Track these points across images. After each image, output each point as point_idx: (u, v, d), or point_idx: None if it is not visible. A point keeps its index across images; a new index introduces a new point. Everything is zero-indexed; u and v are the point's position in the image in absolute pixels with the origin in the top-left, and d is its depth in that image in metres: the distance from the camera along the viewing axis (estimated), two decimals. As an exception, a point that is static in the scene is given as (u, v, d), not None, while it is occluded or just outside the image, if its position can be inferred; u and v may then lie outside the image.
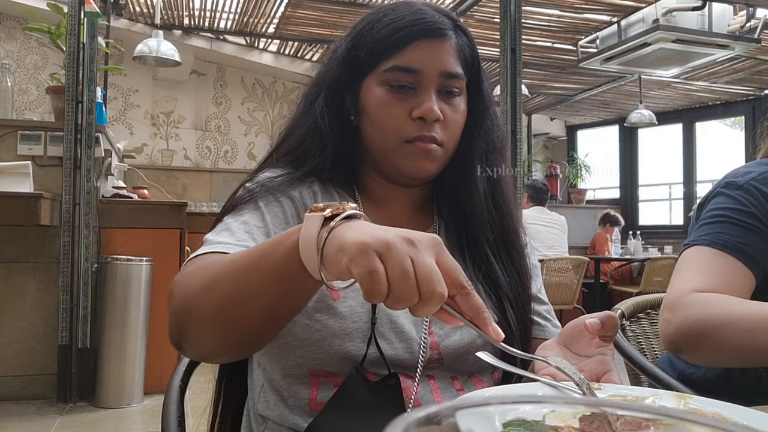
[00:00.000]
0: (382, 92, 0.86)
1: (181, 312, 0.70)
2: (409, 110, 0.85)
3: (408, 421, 0.23)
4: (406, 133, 0.85)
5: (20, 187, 3.16)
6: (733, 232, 1.01)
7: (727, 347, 0.91)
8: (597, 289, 6.18)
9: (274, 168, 0.91)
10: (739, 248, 1.00)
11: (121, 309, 3.23)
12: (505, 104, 3.55)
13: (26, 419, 3.01)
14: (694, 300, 0.96)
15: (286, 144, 0.93)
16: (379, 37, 0.86)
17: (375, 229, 0.56)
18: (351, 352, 0.78)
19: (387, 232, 0.55)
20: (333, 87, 0.91)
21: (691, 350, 0.96)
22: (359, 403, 0.76)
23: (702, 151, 7.65)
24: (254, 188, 0.85)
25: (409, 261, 0.53)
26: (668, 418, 0.25)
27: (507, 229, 0.93)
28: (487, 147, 0.92)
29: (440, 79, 0.86)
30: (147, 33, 5.03)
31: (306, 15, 5.35)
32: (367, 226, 0.57)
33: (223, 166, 6.59)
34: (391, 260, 0.53)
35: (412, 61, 0.84)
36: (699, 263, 1.02)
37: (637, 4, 4.88)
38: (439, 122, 0.85)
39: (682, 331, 0.95)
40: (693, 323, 0.94)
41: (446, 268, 0.55)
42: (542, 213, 5.18)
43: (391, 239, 0.54)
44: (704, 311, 0.94)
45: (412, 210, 0.95)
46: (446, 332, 0.84)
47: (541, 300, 0.95)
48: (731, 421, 0.54)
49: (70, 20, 3.36)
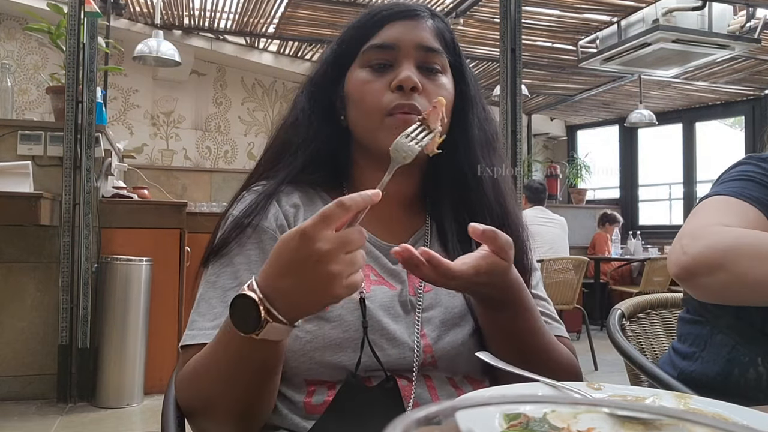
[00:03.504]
0: (363, 73, 0.87)
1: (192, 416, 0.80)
2: (389, 83, 0.85)
3: (408, 421, 0.23)
4: (386, 104, 0.84)
5: (20, 187, 3.16)
6: (757, 189, 0.99)
7: (746, 279, 0.87)
8: (597, 289, 6.18)
9: (255, 185, 0.90)
10: (761, 200, 0.97)
11: (121, 309, 3.23)
12: (505, 104, 3.55)
13: (26, 419, 3.01)
14: (720, 229, 0.92)
15: (272, 150, 0.93)
16: (357, 25, 0.89)
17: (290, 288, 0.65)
18: (343, 362, 0.78)
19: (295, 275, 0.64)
20: (316, 84, 0.92)
21: (706, 278, 0.90)
22: (358, 408, 0.75)
23: (702, 151, 7.66)
24: (229, 233, 0.84)
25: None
26: (668, 418, 0.25)
27: (507, 226, 0.89)
28: (481, 139, 0.91)
29: (418, 53, 0.86)
30: (147, 33, 5.03)
31: (306, 15, 5.35)
32: (287, 297, 0.65)
33: (223, 166, 6.59)
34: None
35: (387, 38, 0.86)
36: (720, 208, 0.98)
37: (637, 4, 4.88)
38: (418, 92, 0.84)
39: (704, 256, 0.90)
40: (717, 249, 0.89)
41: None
42: (542, 213, 5.18)
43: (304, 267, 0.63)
44: (731, 239, 0.89)
45: (403, 209, 0.93)
46: (438, 334, 0.83)
47: (539, 296, 0.92)
48: (731, 421, 0.54)
49: (70, 20, 3.36)
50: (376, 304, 0.82)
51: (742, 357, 1.03)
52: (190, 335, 0.80)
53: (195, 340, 0.79)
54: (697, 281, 0.92)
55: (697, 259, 0.91)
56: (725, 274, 0.88)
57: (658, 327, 1.32)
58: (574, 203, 7.79)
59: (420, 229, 0.93)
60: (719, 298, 0.98)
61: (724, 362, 1.05)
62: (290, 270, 0.63)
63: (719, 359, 1.05)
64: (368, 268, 0.86)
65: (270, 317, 0.64)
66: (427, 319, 0.84)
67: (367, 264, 0.86)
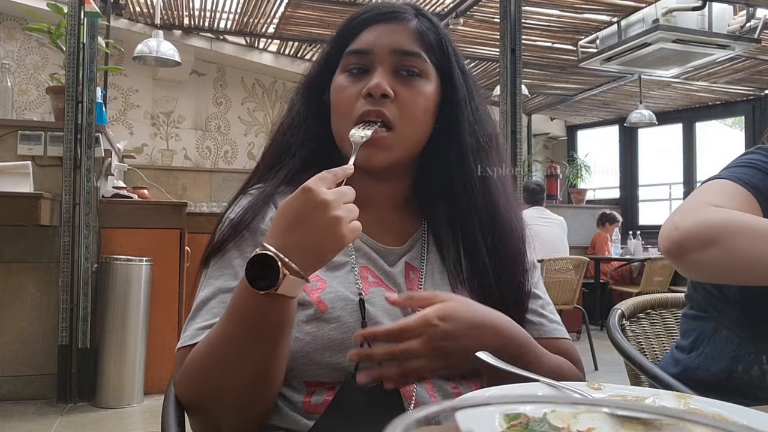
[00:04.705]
0: (341, 78, 0.87)
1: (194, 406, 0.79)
2: (361, 90, 0.84)
3: (408, 421, 0.23)
4: (356, 112, 0.83)
5: (20, 187, 3.16)
6: (759, 176, 0.99)
7: (738, 255, 0.87)
8: (597, 289, 6.18)
9: (252, 189, 0.91)
10: (759, 188, 0.97)
11: (121, 309, 3.23)
12: (505, 104, 3.56)
13: (26, 419, 3.01)
14: (714, 208, 0.92)
15: (270, 153, 0.93)
16: (341, 29, 0.90)
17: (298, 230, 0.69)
18: (343, 363, 0.78)
19: (306, 218, 0.69)
20: (310, 86, 0.92)
21: (696, 253, 0.90)
22: (357, 408, 0.76)
23: (702, 151, 7.66)
24: (227, 236, 0.85)
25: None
26: (668, 418, 0.25)
27: (497, 228, 0.89)
28: (471, 143, 0.88)
29: (393, 58, 0.85)
30: (147, 33, 5.03)
31: (306, 15, 5.35)
32: (295, 246, 0.68)
33: (223, 166, 6.59)
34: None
35: (363, 43, 0.86)
36: (718, 189, 0.99)
37: (637, 4, 4.88)
38: (390, 99, 0.83)
39: (696, 231, 0.90)
40: (711, 224, 0.89)
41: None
42: (541, 213, 5.17)
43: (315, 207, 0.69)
44: (725, 216, 0.90)
45: (395, 212, 0.93)
46: None
47: (536, 295, 0.92)
48: (731, 421, 0.54)
49: (70, 20, 3.36)
50: (376, 306, 0.82)
51: (747, 354, 1.03)
52: (188, 336, 0.80)
53: (193, 340, 0.79)
54: (689, 257, 0.92)
55: (690, 234, 0.91)
56: (717, 250, 0.88)
57: (658, 327, 1.32)
58: (574, 203, 7.79)
59: (416, 232, 0.93)
60: (710, 276, 0.98)
61: (728, 359, 1.05)
62: (298, 222, 0.68)
63: (724, 356, 1.05)
64: (366, 270, 0.87)
65: (287, 269, 0.67)
66: None
67: (366, 266, 0.87)
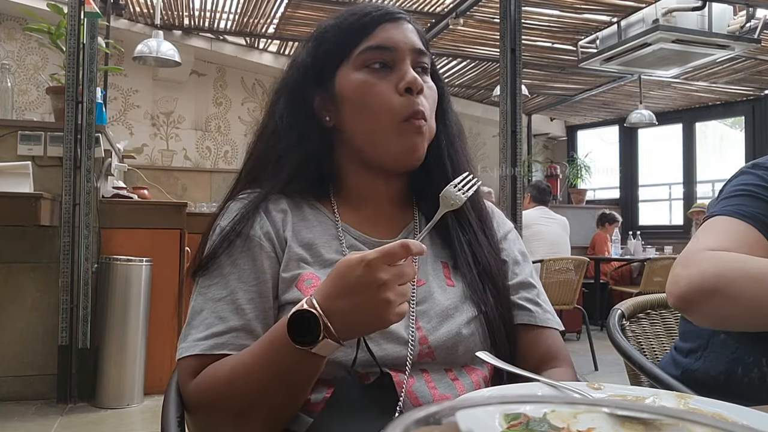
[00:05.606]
0: (362, 75, 0.87)
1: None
2: (394, 85, 0.86)
3: (408, 421, 0.23)
4: (399, 110, 0.86)
5: (20, 187, 3.16)
6: (754, 204, 1.00)
7: (740, 301, 0.89)
8: (597, 289, 6.18)
9: (241, 194, 0.91)
10: (757, 217, 0.98)
11: (121, 309, 3.23)
12: (505, 104, 3.55)
13: (26, 419, 3.01)
14: (709, 255, 0.94)
15: (252, 160, 0.94)
16: (345, 27, 0.90)
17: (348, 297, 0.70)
18: (340, 359, 0.78)
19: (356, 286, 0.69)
20: (295, 90, 0.92)
21: (701, 305, 0.92)
22: (354, 404, 0.76)
23: (702, 151, 7.66)
24: (218, 245, 0.86)
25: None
26: (668, 418, 0.25)
27: (477, 209, 0.96)
28: (457, 131, 0.96)
29: (413, 55, 0.88)
30: (147, 33, 5.03)
31: (306, 15, 5.35)
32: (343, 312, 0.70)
33: (223, 167, 6.59)
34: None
35: (383, 40, 0.88)
36: (715, 228, 1.00)
37: (637, 4, 4.88)
38: (422, 95, 0.87)
39: (696, 284, 0.92)
40: (708, 276, 0.91)
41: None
42: (545, 213, 5.18)
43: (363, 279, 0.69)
44: (720, 264, 0.91)
45: (391, 206, 0.94)
46: (433, 326, 0.84)
47: (531, 284, 0.94)
48: (731, 421, 0.54)
49: (70, 20, 3.36)
50: None
51: (746, 357, 1.03)
52: (185, 347, 0.81)
53: (190, 351, 0.80)
54: (696, 310, 0.95)
55: (691, 288, 0.93)
56: (720, 298, 0.90)
57: (658, 327, 1.32)
58: (574, 203, 7.79)
59: (409, 224, 0.94)
60: (720, 323, 1.00)
61: (728, 362, 1.05)
62: (351, 293, 0.69)
63: (723, 358, 1.05)
64: None
65: (327, 333, 0.69)
66: (422, 312, 0.85)
67: None
